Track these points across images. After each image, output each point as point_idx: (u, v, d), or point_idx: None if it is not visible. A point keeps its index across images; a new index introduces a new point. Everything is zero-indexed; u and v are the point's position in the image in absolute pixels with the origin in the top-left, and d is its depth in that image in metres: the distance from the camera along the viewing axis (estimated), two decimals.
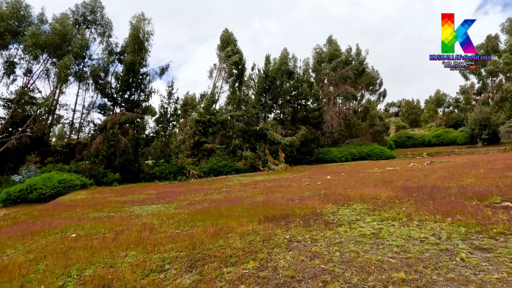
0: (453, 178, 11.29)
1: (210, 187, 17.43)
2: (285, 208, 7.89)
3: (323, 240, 4.72)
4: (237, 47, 37.28)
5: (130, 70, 30.18)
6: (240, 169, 31.05)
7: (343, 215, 6.59)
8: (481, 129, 37.85)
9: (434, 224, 5.13)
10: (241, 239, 5.13)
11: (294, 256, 4.02)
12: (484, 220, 5.10)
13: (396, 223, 5.48)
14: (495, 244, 3.87)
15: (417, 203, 7.07)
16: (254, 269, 3.67)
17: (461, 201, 6.94)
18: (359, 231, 5.09)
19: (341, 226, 5.64)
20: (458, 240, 4.18)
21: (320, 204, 8.22)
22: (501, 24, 41.85)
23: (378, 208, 6.95)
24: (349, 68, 37.70)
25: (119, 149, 26.25)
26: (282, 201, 9.56)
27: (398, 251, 3.91)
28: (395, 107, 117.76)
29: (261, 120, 35.73)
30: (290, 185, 14.65)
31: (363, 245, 4.32)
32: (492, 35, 48.46)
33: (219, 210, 8.50)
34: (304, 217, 6.65)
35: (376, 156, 35.17)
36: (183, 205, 10.61)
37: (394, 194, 8.67)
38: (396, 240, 4.40)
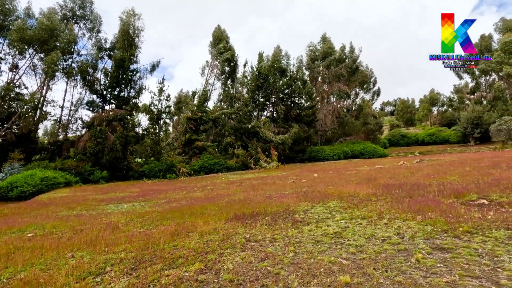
0: (438, 175, 11.09)
1: (196, 185, 17.12)
2: (259, 206, 7.62)
3: (282, 240, 4.46)
4: (229, 44, 36.89)
5: (120, 66, 29.66)
6: (232, 167, 30.76)
7: (315, 213, 6.34)
8: (473, 128, 37.92)
9: (403, 223, 4.89)
10: (199, 238, 4.85)
11: (244, 257, 3.75)
12: (454, 218, 4.86)
13: (365, 221, 5.24)
14: (457, 244, 3.63)
15: (393, 201, 6.84)
16: (196, 272, 3.38)
17: (437, 199, 6.71)
18: (324, 230, 4.83)
19: (308, 224, 5.38)
20: (420, 240, 3.93)
21: (296, 202, 7.96)
22: (495, 23, 41.91)
23: (352, 206, 6.71)
24: (342, 66, 37.49)
25: (107, 146, 25.80)
26: (260, 198, 9.30)
27: (354, 252, 3.65)
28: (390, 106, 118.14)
29: (253, 118, 35.44)
30: (275, 182, 14.40)
31: (321, 245, 4.06)
32: (486, 35, 48.57)
33: (193, 208, 8.21)
34: (275, 215, 6.38)
35: (368, 155, 35.07)
36: (160, 203, 10.31)
37: (373, 191, 8.44)
38: (357, 240, 4.14)
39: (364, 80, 43.77)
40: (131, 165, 28.15)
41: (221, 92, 38.36)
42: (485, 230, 4.08)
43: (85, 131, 29.32)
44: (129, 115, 30.22)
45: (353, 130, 39.50)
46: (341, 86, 37.44)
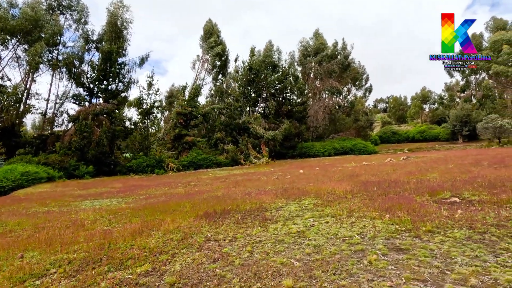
0: (419, 173, 11.10)
1: (181, 180, 16.90)
2: (234, 203, 7.47)
3: (243, 239, 4.31)
4: (220, 38, 36.35)
5: (107, 59, 28.96)
6: (221, 163, 30.52)
7: (287, 211, 6.21)
8: (462, 125, 38.36)
9: (369, 222, 4.79)
10: (160, 237, 4.68)
11: (196, 258, 3.59)
12: (422, 217, 4.78)
13: (333, 220, 5.13)
14: (415, 244, 3.53)
15: (367, 199, 6.76)
16: (141, 274, 3.21)
17: (411, 197, 6.65)
18: (289, 229, 4.70)
19: (276, 223, 5.25)
20: (380, 240, 3.82)
21: (273, 199, 7.84)
22: (486, 22, 42.21)
23: (326, 204, 6.60)
24: (334, 62, 37.33)
25: (93, 141, 25.28)
26: (239, 195, 9.15)
27: (310, 253, 3.52)
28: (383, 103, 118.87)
29: (244, 113, 35.15)
30: (260, 179, 14.27)
31: (280, 245, 3.93)
32: (477, 34, 48.91)
33: (167, 205, 8.02)
34: (246, 213, 6.24)
35: (358, 151, 35.20)
36: (138, 199, 10.08)
37: (352, 188, 8.37)
38: (318, 240, 4.02)
39: (356, 77, 43.72)
40: (118, 160, 27.70)
41: (212, 87, 37.90)
42: (447, 230, 4.00)
43: (71, 125, 28.71)
44: (116, 109, 29.64)
45: (344, 126, 39.56)
46: (332, 83, 37.34)
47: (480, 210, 5.05)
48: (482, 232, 3.77)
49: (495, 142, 27.23)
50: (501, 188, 6.41)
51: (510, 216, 4.42)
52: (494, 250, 3.20)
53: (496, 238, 3.54)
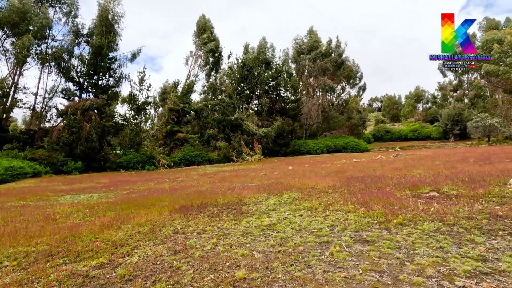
0: (405, 169, 11.08)
1: (169, 176, 16.72)
2: (214, 197, 7.35)
3: (212, 232, 4.19)
4: (214, 34, 36.00)
5: (98, 54, 28.46)
6: (213, 160, 30.35)
7: (265, 205, 6.11)
8: (454, 124, 38.70)
9: (344, 215, 4.71)
10: (129, 230, 4.54)
11: (157, 251, 3.46)
12: (397, 210, 4.71)
13: (308, 213, 5.04)
14: (382, 236, 3.45)
15: (347, 193, 6.69)
16: (95, 266, 3.08)
17: (392, 191, 6.60)
18: (261, 222, 4.59)
19: (250, 216, 5.14)
20: (349, 232, 3.73)
21: (255, 193, 7.73)
22: (478, 23, 42.49)
23: (306, 198, 6.52)
24: (328, 60, 37.27)
25: (82, 136, 24.89)
26: (222, 190, 9.03)
27: (274, 244, 3.42)
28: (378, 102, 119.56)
29: (237, 110, 34.93)
30: (248, 175, 14.16)
31: (247, 237, 3.82)
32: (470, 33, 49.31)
33: (147, 200, 7.86)
34: (223, 207, 6.12)
35: (351, 149, 35.29)
36: (120, 194, 9.89)
37: (335, 183, 8.30)
38: (286, 232, 3.92)
39: (350, 75, 43.75)
40: (108, 156, 27.32)
41: (205, 83, 37.60)
42: (418, 222, 3.92)
43: (60, 120, 28.25)
44: (107, 104, 29.22)
45: (337, 124, 39.61)
46: (326, 80, 37.30)
47: (455, 203, 5.00)
48: (452, 225, 3.71)
49: (484, 141, 27.50)
50: (480, 182, 6.39)
51: (482, 209, 4.37)
52: (459, 241, 3.13)
53: (463, 230, 3.47)
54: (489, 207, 4.50)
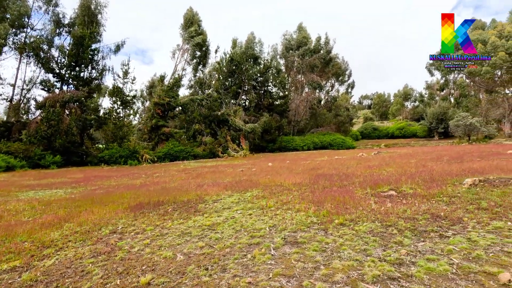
0: (378, 167, 11.14)
1: (147, 172, 16.44)
2: (177, 194, 7.21)
3: (150, 232, 4.05)
4: (201, 28, 35.36)
5: (79, 44, 27.56)
6: (199, 155, 30.07)
7: (222, 203, 5.99)
8: (438, 123, 39.35)
9: (293, 214, 4.63)
10: (68, 230, 4.35)
11: (82, 252, 3.30)
12: (347, 209, 4.67)
13: (259, 211, 4.95)
14: (314, 238, 3.38)
15: (308, 191, 6.63)
16: (4, 270, 2.90)
17: (353, 190, 6.58)
18: (207, 221, 4.48)
19: (202, 215, 5.02)
20: (286, 232, 3.66)
21: (220, 190, 7.61)
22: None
23: (266, 196, 6.44)
24: (316, 57, 37.19)
25: (61, 129, 24.20)
26: (190, 187, 8.88)
27: (204, 245, 3.32)
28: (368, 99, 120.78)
29: (224, 105, 34.61)
30: (226, 171, 14.02)
31: (183, 238, 3.70)
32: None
33: (110, 196, 7.66)
34: (180, 204, 5.98)
35: (337, 146, 35.53)
36: (87, 190, 9.62)
37: (302, 181, 8.26)
38: (225, 232, 3.82)
39: (338, 72, 43.83)
40: (90, 150, 26.73)
41: (191, 78, 37.04)
42: (358, 223, 3.87)
43: (39, 112, 27.38)
44: (88, 97, 28.48)
45: (325, 121, 39.76)
46: (314, 77, 37.27)
47: (407, 203, 4.99)
48: (389, 225, 3.67)
49: (465, 140, 28.07)
50: (438, 182, 6.43)
51: (428, 210, 4.36)
52: (386, 243, 3.08)
53: (397, 231, 3.43)
54: (436, 207, 4.49)
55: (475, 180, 5.79)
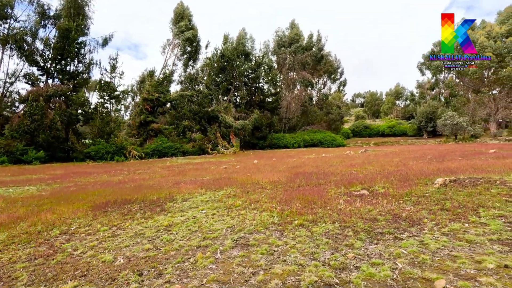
0: (360, 165, 11.10)
1: (130, 168, 16.15)
2: (150, 192, 7.02)
3: (103, 233, 3.88)
4: (192, 23, 34.83)
5: (65, 37, 26.83)
6: (188, 152, 29.80)
7: (192, 202, 5.84)
8: (427, 122, 39.78)
9: (257, 214, 4.51)
10: (18, 230, 4.13)
11: (18, 256, 3.11)
12: (314, 209, 4.56)
13: (225, 211, 4.82)
14: (266, 240, 3.26)
15: (281, 190, 6.52)
16: None
17: (327, 189, 6.50)
18: (168, 221, 4.32)
19: (165, 215, 4.86)
20: (241, 234, 3.53)
21: (195, 188, 7.45)
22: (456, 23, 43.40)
23: (238, 195, 6.32)
24: (308, 54, 37.06)
25: (45, 124, 23.60)
26: (167, 184, 8.70)
27: (151, 248, 3.16)
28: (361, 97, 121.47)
29: (214, 101, 34.27)
30: (209, 168, 13.85)
31: (135, 239, 3.55)
32: None
33: (80, 193, 7.42)
34: (149, 203, 5.80)
35: (327, 144, 35.61)
36: (61, 187, 9.34)
37: (279, 179, 8.16)
38: (180, 233, 3.67)
39: (329, 70, 43.82)
40: (75, 146, 26.16)
41: (181, 73, 36.53)
42: (318, 224, 3.77)
43: (23, 106, 26.65)
44: (74, 91, 27.82)
45: (316, 119, 39.79)
46: (305, 74, 37.18)
47: (376, 203, 4.92)
48: (347, 227, 3.57)
49: (452, 139, 28.42)
50: (411, 181, 6.38)
51: (393, 210, 4.29)
52: (338, 246, 2.97)
53: (352, 233, 3.33)
54: (401, 208, 4.42)
55: (445, 180, 5.75)
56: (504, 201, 4.24)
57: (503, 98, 27.92)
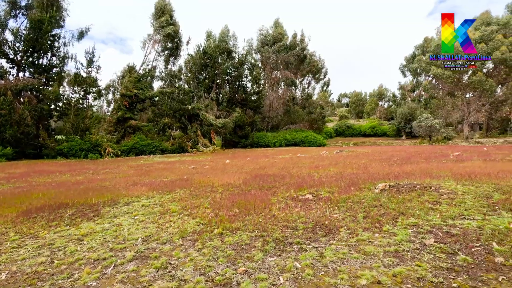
0: (325, 167, 11.19)
1: (99, 167, 15.67)
2: (96, 195, 6.77)
3: (10, 243, 3.66)
4: (174, 18, 34.12)
5: (37, 29, 25.68)
6: (167, 150, 29.31)
7: (132, 206, 5.66)
8: (406, 123, 40.78)
9: (184, 221, 4.40)
10: None
11: None
12: (246, 215, 4.50)
13: (155, 218, 4.68)
14: (170, 252, 3.15)
15: (229, 194, 6.44)
16: None
17: (275, 192, 6.47)
18: (87, 230, 4.14)
19: (94, 221, 4.67)
20: (152, 244, 3.42)
21: (146, 191, 7.27)
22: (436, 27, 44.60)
23: (183, 198, 6.21)
24: (291, 54, 37.12)
25: (13, 119, 22.58)
26: (123, 185, 8.46)
27: (44, 261, 2.99)
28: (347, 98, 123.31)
29: (195, 99, 33.82)
30: (179, 168, 13.63)
31: (39, 250, 3.36)
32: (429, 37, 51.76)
33: (25, 195, 7.10)
34: (85, 207, 5.58)
35: (309, 143, 35.91)
36: (12, 187, 8.92)
37: (236, 181, 8.08)
38: (90, 243, 3.52)
39: (312, 70, 44.12)
40: (47, 143, 25.17)
41: (162, 70, 35.82)
42: (238, 232, 3.70)
43: None
44: (46, 85, 26.75)
45: (298, 118, 40.02)
46: (288, 74, 37.25)
47: (314, 208, 4.92)
48: (261, 236, 3.52)
49: (426, 140, 29.28)
50: (356, 186, 6.44)
51: (320, 216, 4.28)
52: (237, 258, 2.91)
53: (262, 243, 3.28)
54: (330, 214, 4.42)
55: (385, 186, 5.83)
56: (428, 208, 4.32)
57: (475, 102, 28.97)
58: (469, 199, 4.62)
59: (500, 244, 2.88)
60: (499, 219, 3.62)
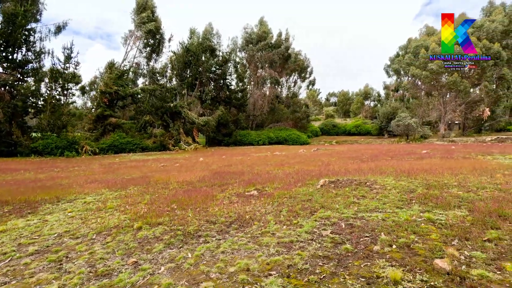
0: (291, 164, 11.35)
1: (70, 165, 15.42)
2: (41, 192, 6.71)
3: None
4: (156, 14, 33.69)
5: (11, 22, 24.89)
6: (148, 148, 29.02)
7: (74, 203, 5.64)
8: (388, 122, 41.59)
9: (112, 218, 4.42)
10: None
11: None
12: (178, 211, 4.56)
13: (88, 214, 4.68)
14: (74, 246, 3.18)
15: (179, 191, 6.49)
16: None
17: (226, 188, 6.57)
18: (11, 226, 4.12)
19: (24, 218, 4.64)
20: (65, 239, 3.43)
21: (98, 188, 7.26)
22: (420, 29, 45.65)
23: (130, 195, 6.27)
24: (275, 52, 37.26)
25: None
26: (80, 183, 8.38)
27: None
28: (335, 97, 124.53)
29: (178, 96, 33.55)
30: (150, 166, 13.56)
31: None
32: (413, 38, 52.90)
33: None
34: (24, 204, 5.55)
35: (292, 141, 36.21)
36: None
37: (194, 178, 8.14)
38: (7, 237, 3.53)
39: (297, 69, 44.42)
40: (20, 140, 24.48)
41: (144, 67, 35.33)
42: (157, 226, 3.76)
43: None
44: (21, 81, 25.99)
45: (283, 117, 40.28)
46: (272, 72, 37.41)
47: (251, 203, 5.02)
48: (175, 230, 3.59)
49: (404, 139, 30.04)
50: (302, 182, 6.60)
51: (249, 211, 4.39)
52: (136, 251, 2.98)
53: (169, 236, 3.36)
54: (258, 209, 4.54)
55: (325, 181, 6.01)
56: (350, 202, 4.50)
57: (451, 102, 29.88)
58: (394, 193, 4.84)
59: (388, 235, 3.06)
60: (407, 212, 3.82)
